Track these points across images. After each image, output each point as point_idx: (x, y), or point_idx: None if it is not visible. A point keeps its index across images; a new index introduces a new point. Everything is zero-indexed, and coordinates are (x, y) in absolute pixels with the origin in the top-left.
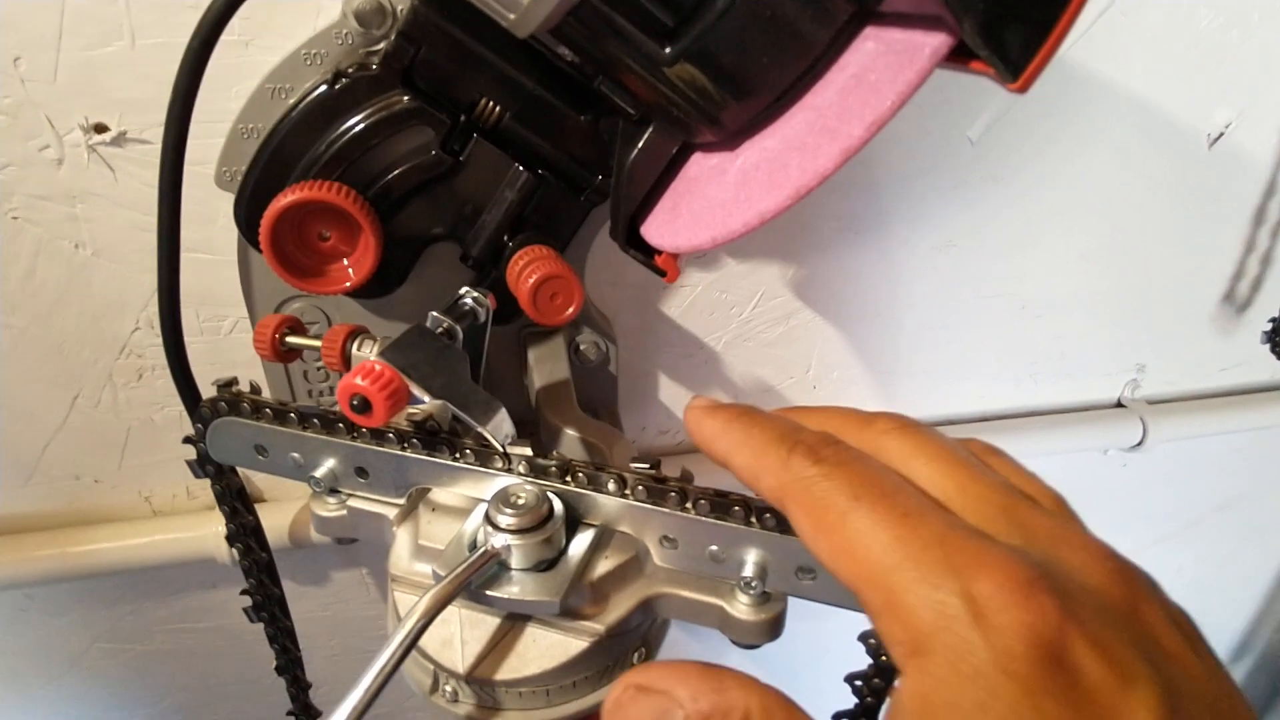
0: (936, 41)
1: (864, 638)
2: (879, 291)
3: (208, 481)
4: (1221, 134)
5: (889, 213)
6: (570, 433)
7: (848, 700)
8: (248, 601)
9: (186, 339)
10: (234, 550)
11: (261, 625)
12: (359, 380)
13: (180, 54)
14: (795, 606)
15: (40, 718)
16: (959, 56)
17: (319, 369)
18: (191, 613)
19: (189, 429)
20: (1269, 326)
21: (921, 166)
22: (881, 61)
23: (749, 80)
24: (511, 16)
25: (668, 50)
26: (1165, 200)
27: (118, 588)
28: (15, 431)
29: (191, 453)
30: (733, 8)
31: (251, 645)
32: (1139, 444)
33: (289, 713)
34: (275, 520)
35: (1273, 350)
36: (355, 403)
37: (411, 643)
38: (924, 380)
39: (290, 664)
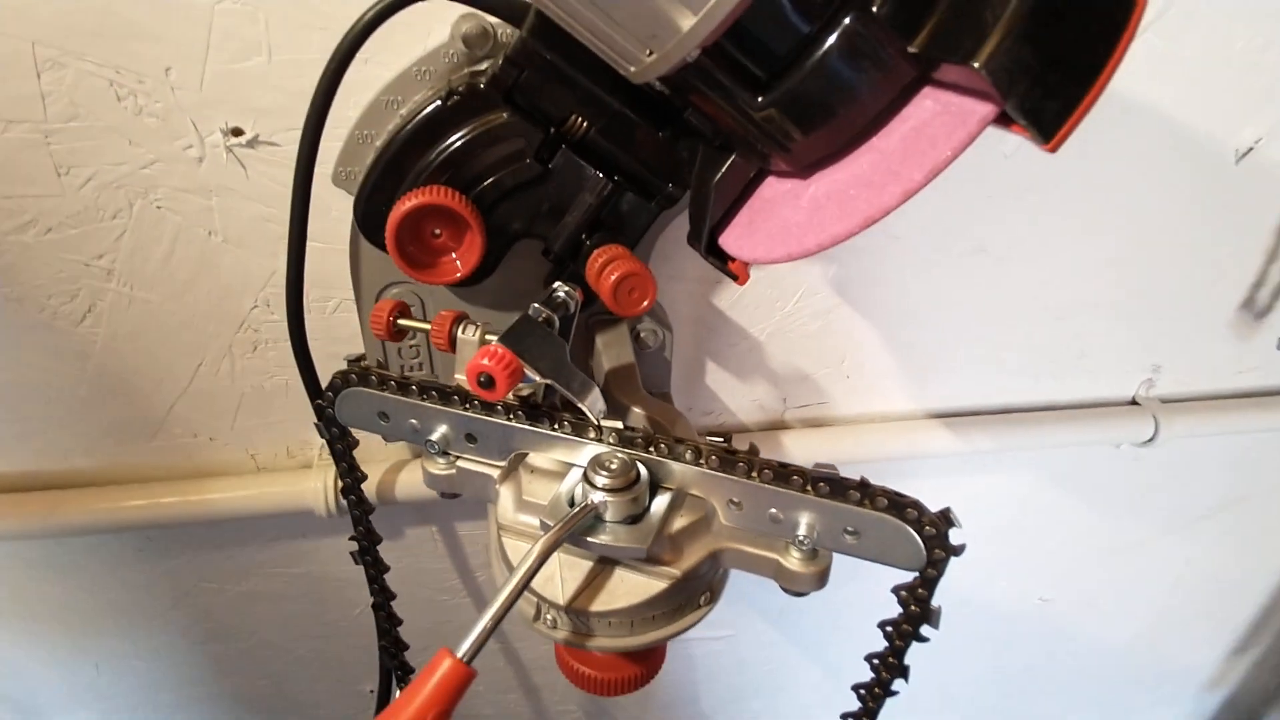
0: (985, 110)
1: (896, 590)
2: (912, 292)
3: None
4: (1250, 149)
5: (925, 220)
6: (637, 411)
7: (880, 643)
8: (334, 549)
9: None
10: (348, 500)
11: (359, 569)
12: (485, 361)
13: (310, 70)
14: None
15: (149, 645)
16: (1001, 119)
17: (412, 348)
18: (283, 559)
19: (294, 398)
20: None
21: (957, 178)
22: (939, 119)
23: (826, 125)
24: (632, 69)
25: (760, 99)
26: (1189, 211)
27: (223, 534)
28: (146, 393)
29: (312, 416)
30: (817, 67)
31: (333, 591)
32: (1150, 440)
33: (381, 643)
34: None
35: None
36: (482, 379)
37: (531, 575)
38: (950, 374)
39: (385, 601)
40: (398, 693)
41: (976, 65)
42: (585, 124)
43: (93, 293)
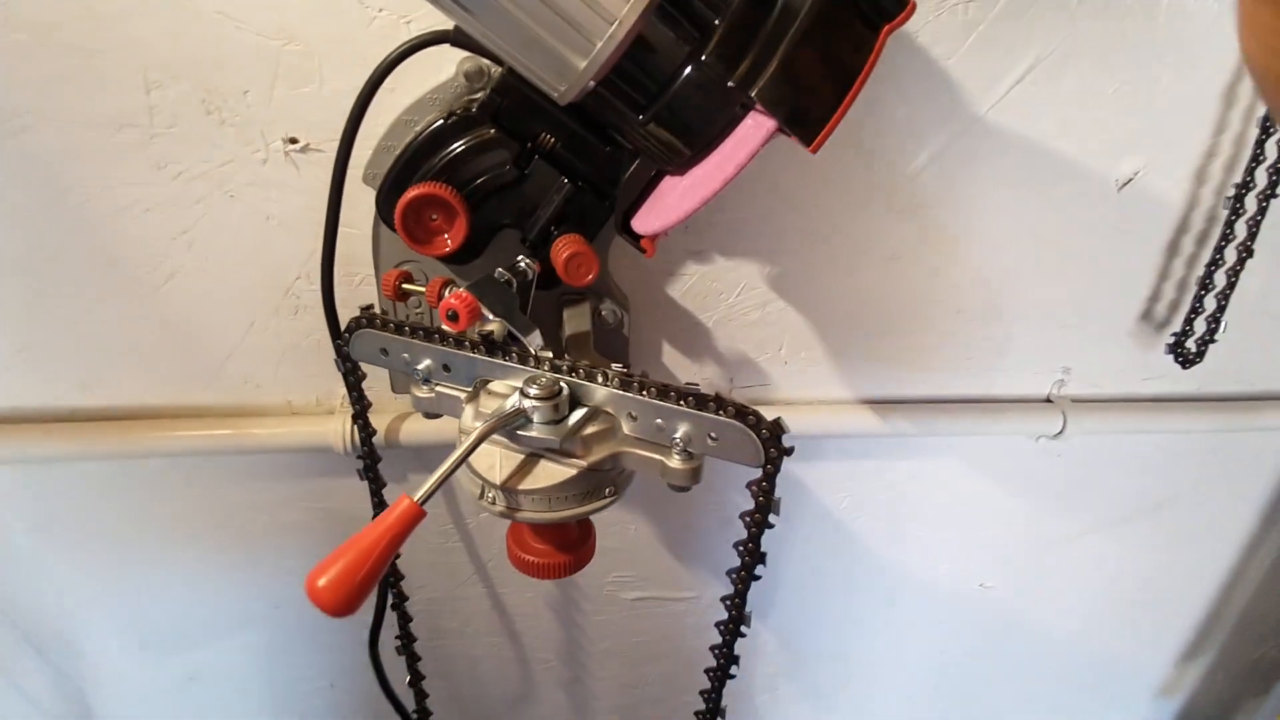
0: (771, 124)
1: (749, 485)
2: (837, 290)
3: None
4: (1130, 180)
5: (846, 229)
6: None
7: (744, 533)
8: (349, 488)
9: None
10: (356, 425)
11: (368, 509)
12: (452, 300)
13: (351, 96)
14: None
15: (190, 566)
16: (783, 131)
17: (418, 313)
18: (310, 494)
19: (324, 356)
20: (1171, 339)
21: (873, 194)
22: (750, 131)
23: (688, 137)
24: (557, 93)
25: (641, 117)
26: (1079, 231)
27: (261, 465)
28: (209, 346)
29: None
30: (674, 96)
31: (347, 528)
32: (1059, 433)
33: None
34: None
35: (1175, 359)
36: (450, 314)
37: (473, 447)
38: (876, 365)
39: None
40: (393, 617)
41: (753, 94)
42: (553, 140)
43: (174, 262)
